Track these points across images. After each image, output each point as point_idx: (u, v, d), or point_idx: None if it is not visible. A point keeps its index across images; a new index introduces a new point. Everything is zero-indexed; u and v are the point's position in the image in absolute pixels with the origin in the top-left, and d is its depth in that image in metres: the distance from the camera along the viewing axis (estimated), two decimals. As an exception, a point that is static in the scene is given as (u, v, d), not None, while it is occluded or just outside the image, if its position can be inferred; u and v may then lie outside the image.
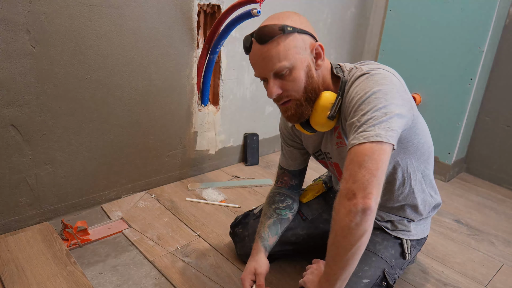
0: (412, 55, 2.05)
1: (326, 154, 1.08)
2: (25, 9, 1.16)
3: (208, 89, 1.74)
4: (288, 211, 1.16)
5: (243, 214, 1.30)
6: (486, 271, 1.35)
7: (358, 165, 0.76)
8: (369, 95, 0.82)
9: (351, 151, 0.79)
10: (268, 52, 0.85)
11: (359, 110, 0.82)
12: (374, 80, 0.84)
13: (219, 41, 1.58)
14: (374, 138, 0.77)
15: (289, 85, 0.88)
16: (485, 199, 1.91)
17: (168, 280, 1.16)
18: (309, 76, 0.89)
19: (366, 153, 0.76)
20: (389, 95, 0.82)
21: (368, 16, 2.46)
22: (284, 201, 1.17)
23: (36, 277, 1.10)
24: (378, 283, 1.01)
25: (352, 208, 0.74)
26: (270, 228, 1.11)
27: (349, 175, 0.76)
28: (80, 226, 1.33)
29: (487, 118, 2.08)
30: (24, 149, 1.28)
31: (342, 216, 0.76)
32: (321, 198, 1.28)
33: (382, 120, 0.78)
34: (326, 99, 0.92)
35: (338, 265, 0.80)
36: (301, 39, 0.87)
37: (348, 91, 0.89)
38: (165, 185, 1.74)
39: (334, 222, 0.79)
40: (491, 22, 1.77)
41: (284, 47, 0.85)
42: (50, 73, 1.26)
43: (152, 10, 1.44)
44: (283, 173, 1.21)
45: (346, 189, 0.76)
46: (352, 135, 0.80)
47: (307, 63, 0.89)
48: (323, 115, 0.93)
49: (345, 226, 0.76)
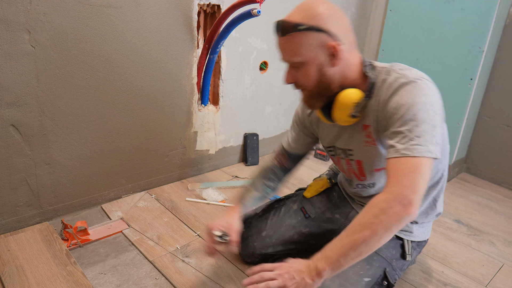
0: (412, 55, 2.05)
1: (346, 151, 1.07)
2: (25, 9, 1.16)
3: (208, 89, 1.74)
4: (272, 191, 1.22)
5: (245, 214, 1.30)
6: (486, 271, 1.35)
7: (418, 175, 0.80)
8: (420, 107, 0.83)
9: (407, 160, 0.81)
10: (284, 44, 0.90)
11: (408, 120, 0.84)
12: (422, 91, 0.85)
13: (219, 41, 1.58)
14: (428, 154, 0.81)
15: (301, 78, 0.92)
16: (485, 199, 1.91)
17: (168, 280, 1.16)
18: (322, 73, 0.91)
19: (423, 167, 0.80)
20: (436, 106, 0.86)
21: (368, 16, 2.46)
22: (272, 180, 1.21)
23: (36, 277, 1.10)
24: (379, 282, 1.01)
25: (403, 215, 0.78)
26: (255, 200, 1.18)
27: (409, 183, 0.79)
28: (80, 226, 1.33)
29: (487, 118, 2.08)
30: (24, 149, 1.28)
31: (390, 217, 0.78)
32: (324, 196, 1.28)
33: (433, 135, 0.83)
34: (348, 97, 0.93)
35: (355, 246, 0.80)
36: (315, 37, 0.87)
37: (390, 96, 0.89)
38: (165, 185, 1.74)
39: (374, 216, 0.79)
40: (491, 22, 1.77)
41: (295, 44, 0.88)
42: (50, 73, 1.26)
43: (152, 10, 1.44)
44: (282, 153, 1.22)
45: (403, 195, 0.78)
46: (403, 144, 0.83)
47: (319, 61, 0.89)
48: (345, 113, 0.94)
49: (387, 226, 0.78)
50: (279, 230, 1.21)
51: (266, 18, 1.84)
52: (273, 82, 2.07)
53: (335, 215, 1.24)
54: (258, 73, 1.97)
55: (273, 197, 1.69)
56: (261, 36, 1.89)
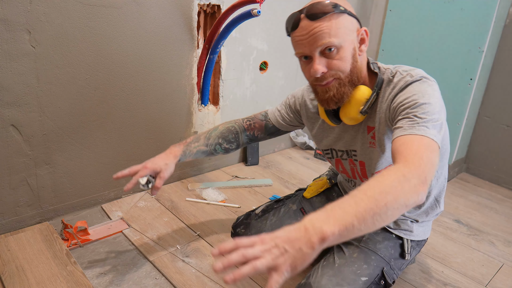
0: (412, 55, 2.05)
1: (349, 152, 1.07)
2: (25, 9, 1.16)
3: (208, 89, 1.74)
4: (223, 152, 1.20)
5: (244, 214, 1.30)
6: (486, 271, 1.35)
7: (432, 153, 0.75)
8: (426, 99, 0.83)
9: (417, 138, 0.77)
10: (319, 27, 0.84)
11: (417, 107, 0.83)
12: (430, 87, 0.86)
13: (219, 41, 1.58)
14: (435, 138, 0.78)
15: (336, 64, 0.88)
16: (485, 199, 1.91)
17: (168, 280, 1.16)
18: (354, 59, 0.90)
19: (434, 146, 0.77)
20: (441, 102, 0.86)
21: (368, 16, 2.46)
22: (229, 143, 1.19)
23: (36, 277, 1.10)
24: (377, 281, 1.01)
25: (420, 191, 0.68)
26: (198, 152, 1.16)
27: (426, 159, 0.72)
28: (80, 226, 1.33)
29: (487, 118, 2.08)
30: (24, 149, 1.28)
31: (410, 188, 0.67)
32: (324, 196, 1.28)
33: (437, 125, 0.81)
34: (362, 93, 0.93)
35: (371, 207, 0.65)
36: (350, 21, 0.87)
37: (396, 94, 0.89)
38: (165, 185, 1.74)
39: (397, 181, 0.67)
40: (491, 22, 1.77)
41: (336, 25, 0.85)
42: (50, 73, 1.26)
43: (152, 10, 1.44)
44: (260, 121, 1.21)
45: (422, 170, 0.70)
46: (412, 125, 0.80)
47: (354, 46, 0.89)
48: (355, 109, 0.93)
49: (407, 196, 0.67)
50: None
51: (266, 18, 1.84)
52: (273, 82, 2.07)
53: None
54: (258, 73, 1.97)
55: (273, 197, 1.70)
56: (261, 36, 1.89)
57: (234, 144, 1.20)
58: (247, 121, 1.21)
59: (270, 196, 1.72)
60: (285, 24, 0.91)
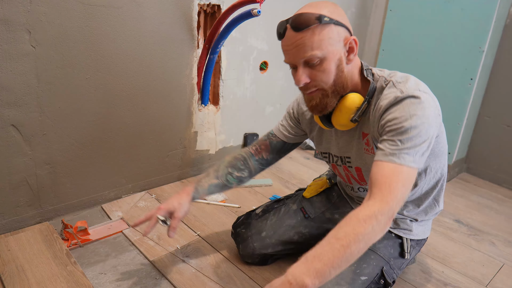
0: (412, 55, 2.05)
1: (343, 158, 1.07)
2: (25, 9, 1.16)
3: (208, 89, 1.74)
4: (236, 182, 1.17)
5: (245, 214, 1.30)
6: (486, 271, 1.35)
7: (404, 186, 0.82)
8: (413, 122, 0.84)
9: (395, 168, 0.83)
10: (302, 39, 0.85)
11: (401, 132, 0.84)
12: (418, 106, 0.85)
13: (219, 41, 1.58)
14: (413, 163, 0.84)
15: (318, 75, 0.88)
16: (485, 199, 1.91)
17: (168, 280, 1.16)
18: (340, 70, 0.89)
19: (408, 176, 0.83)
20: (430, 119, 0.86)
21: (368, 16, 2.46)
22: (240, 170, 1.17)
23: (36, 277, 1.10)
24: (376, 281, 1.01)
25: (387, 227, 0.80)
26: (210, 187, 1.14)
27: (396, 194, 0.80)
28: (80, 226, 1.33)
29: (487, 118, 2.08)
30: (24, 149, 1.28)
31: (380, 229, 0.79)
32: (324, 196, 1.28)
33: (421, 147, 0.84)
34: (353, 101, 0.92)
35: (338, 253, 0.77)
36: (336, 31, 0.87)
37: (386, 109, 0.88)
38: (165, 185, 1.74)
39: (371, 228, 0.78)
40: (491, 22, 1.77)
41: (318, 37, 0.84)
42: (50, 73, 1.26)
43: (152, 10, 1.45)
44: (264, 141, 1.19)
45: (390, 208, 0.79)
46: (392, 150, 0.84)
47: (339, 56, 0.88)
48: (346, 116, 0.93)
49: (377, 237, 0.79)
50: (278, 231, 1.21)
51: (266, 18, 1.84)
52: (273, 82, 2.07)
53: (335, 215, 1.24)
54: (258, 73, 1.97)
55: (273, 197, 1.70)
56: (261, 36, 1.89)
57: (245, 171, 1.17)
58: (252, 147, 1.20)
59: (270, 196, 1.72)
60: (276, 31, 0.92)
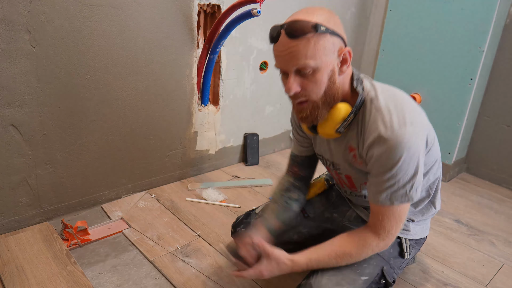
0: (412, 55, 2.05)
1: (334, 164, 1.07)
2: (25, 9, 1.16)
3: (208, 89, 1.74)
4: (294, 202, 1.16)
5: (244, 214, 1.30)
6: (486, 271, 1.35)
7: (399, 222, 0.93)
8: (400, 165, 0.85)
9: (385, 208, 0.91)
10: (296, 47, 0.81)
11: (391, 177, 0.87)
12: (403, 146, 0.84)
13: (219, 41, 1.58)
14: (406, 200, 0.91)
15: (310, 85, 0.85)
16: (485, 199, 1.91)
17: (168, 280, 1.16)
18: (332, 81, 0.87)
19: (402, 213, 0.93)
20: (417, 151, 0.86)
21: (368, 16, 2.46)
22: (292, 191, 1.17)
23: (36, 277, 1.10)
24: (377, 281, 1.01)
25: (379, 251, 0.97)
26: (276, 213, 1.12)
27: (392, 231, 0.93)
28: (80, 226, 1.33)
29: (487, 118, 2.08)
30: (24, 149, 1.28)
31: (372, 253, 0.96)
32: (323, 196, 1.28)
33: (413, 183, 0.89)
34: (340, 112, 0.90)
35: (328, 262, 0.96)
36: (332, 41, 0.83)
37: (371, 144, 0.87)
38: (165, 185, 1.74)
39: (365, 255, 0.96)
40: (491, 22, 1.77)
41: (313, 46, 0.81)
42: (50, 73, 1.26)
43: (152, 10, 1.44)
44: (292, 164, 1.20)
45: (386, 243, 0.95)
46: (385, 193, 0.90)
47: (332, 67, 0.85)
48: (331, 126, 0.92)
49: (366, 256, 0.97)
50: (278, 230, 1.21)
51: (266, 18, 1.84)
52: (273, 82, 2.07)
53: (333, 214, 1.24)
54: (258, 73, 1.97)
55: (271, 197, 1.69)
56: (261, 36, 1.89)
57: (296, 190, 1.17)
58: (287, 172, 1.21)
59: (270, 196, 1.72)
60: (268, 34, 0.88)
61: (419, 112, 0.91)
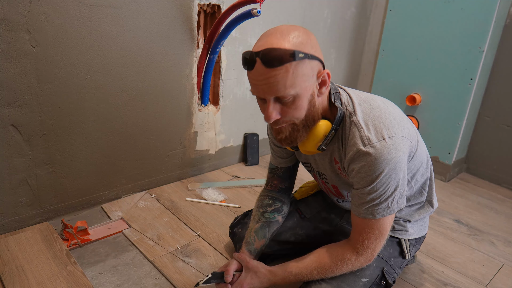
0: (412, 55, 2.05)
1: (320, 173, 1.06)
2: (25, 9, 1.16)
3: (208, 89, 1.74)
4: (277, 214, 1.15)
5: (242, 214, 1.30)
6: (486, 271, 1.35)
7: (381, 237, 0.92)
8: (381, 179, 0.85)
9: (366, 222, 0.91)
10: (274, 77, 0.77)
11: (372, 191, 0.87)
12: (383, 160, 0.83)
13: (219, 41, 1.58)
14: (388, 213, 0.90)
15: (290, 112, 0.83)
16: (485, 199, 1.91)
17: (168, 280, 1.16)
18: (311, 104, 0.85)
19: (385, 226, 0.92)
20: (397, 167, 0.86)
21: (368, 16, 2.46)
22: (272, 205, 1.15)
23: (36, 277, 1.10)
24: (377, 282, 1.01)
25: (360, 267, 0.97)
26: (256, 233, 1.11)
27: (373, 247, 0.93)
28: (80, 226, 1.33)
29: (487, 118, 2.08)
30: (24, 149, 1.28)
31: (353, 268, 0.96)
32: (319, 196, 1.28)
33: (395, 195, 0.88)
34: (320, 130, 0.88)
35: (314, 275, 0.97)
36: (310, 66, 0.80)
37: (351, 159, 0.87)
38: (165, 185, 1.74)
39: (344, 270, 0.96)
40: (491, 22, 1.77)
41: (292, 75, 0.77)
42: (50, 73, 1.26)
43: (152, 10, 1.44)
44: (272, 177, 1.18)
45: (367, 258, 0.94)
46: (367, 207, 0.89)
47: (312, 91, 0.83)
48: (313, 144, 0.90)
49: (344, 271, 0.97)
50: None
51: (266, 18, 1.84)
52: (273, 82, 2.07)
53: (331, 214, 1.24)
54: (258, 73, 1.97)
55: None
56: (261, 36, 1.88)
57: (276, 202, 1.15)
58: (267, 186, 1.19)
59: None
60: (241, 58, 0.82)
61: (399, 121, 0.89)
